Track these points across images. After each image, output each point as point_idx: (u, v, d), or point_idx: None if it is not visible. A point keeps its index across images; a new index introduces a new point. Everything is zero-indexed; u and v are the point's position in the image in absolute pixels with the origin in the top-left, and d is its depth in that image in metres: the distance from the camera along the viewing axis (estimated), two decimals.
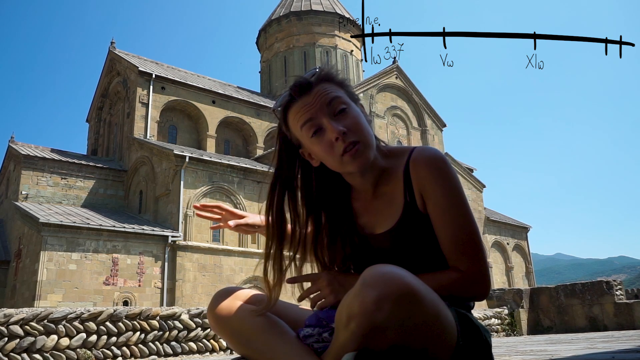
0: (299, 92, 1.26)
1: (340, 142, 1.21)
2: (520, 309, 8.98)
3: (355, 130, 1.23)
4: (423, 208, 1.25)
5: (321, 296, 1.25)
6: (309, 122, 1.24)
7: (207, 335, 5.98)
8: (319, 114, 1.23)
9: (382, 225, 1.30)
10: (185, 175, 17.11)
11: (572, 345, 3.77)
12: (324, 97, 1.24)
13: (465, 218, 1.21)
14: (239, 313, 1.27)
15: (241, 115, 23.49)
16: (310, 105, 1.24)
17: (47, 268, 14.18)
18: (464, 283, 1.18)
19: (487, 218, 27.74)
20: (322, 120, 1.23)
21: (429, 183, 1.22)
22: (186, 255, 16.46)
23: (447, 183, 1.21)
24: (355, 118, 1.25)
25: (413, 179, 1.25)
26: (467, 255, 1.19)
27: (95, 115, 24.76)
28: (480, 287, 1.19)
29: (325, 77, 1.29)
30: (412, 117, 27.04)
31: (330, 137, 1.22)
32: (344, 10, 30.40)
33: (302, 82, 1.27)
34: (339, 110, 1.24)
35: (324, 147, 1.24)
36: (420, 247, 1.25)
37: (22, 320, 4.93)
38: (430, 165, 1.23)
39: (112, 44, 24.07)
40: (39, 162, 18.32)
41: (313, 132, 1.24)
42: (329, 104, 1.24)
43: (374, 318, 0.95)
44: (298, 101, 1.26)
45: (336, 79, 1.31)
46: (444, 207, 1.21)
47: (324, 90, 1.25)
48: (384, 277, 0.97)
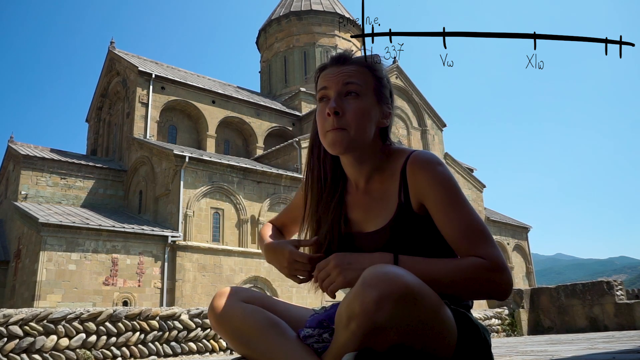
0: (333, 62, 1.34)
1: (331, 119, 1.26)
2: (520, 309, 8.97)
3: (350, 118, 1.26)
4: (418, 209, 1.25)
5: (330, 280, 1.17)
6: (322, 90, 1.32)
7: (207, 335, 5.98)
8: (334, 85, 1.30)
9: (372, 224, 1.31)
10: (185, 175, 17.11)
11: (573, 345, 3.76)
12: (346, 76, 1.30)
13: (471, 212, 1.21)
14: (240, 313, 1.27)
15: (241, 115, 23.50)
16: (333, 75, 1.31)
17: (46, 268, 14.18)
18: (489, 269, 1.10)
19: (487, 218, 27.74)
20: (331, 92, 1.30)
21: (429, 185, 1.22)
22: (186, 256, 16.46)
23: (447, 183, 1.22)
24: (360, 108, 1.27)
25: (410, 181, 1.26)
26: (484, 242, 1.15)
27: (95, 115, 24.76)
28: (504, 275, 1.11)
29: (368, 64, 1.33)
30: (412, 117, 27.04)
31: (326, 109, 1.27)
32: (344, 10, 30.42)
33: (341, 55, 1.35)
34: (351, 93, 1.28)
35: (320, 115, 1.31)
36: (413, 247, 1.25)
37: (22, 320, 4.92)
38: (429, 167, 1.24)
39: (111, 44, 24.08)
40: (39, 162, 18.32)
41: (321, 97, 1.33)
42: (346, 84, 1.29)
43: (374, 318, 0.95)
44: (329, 68, 1.34)
45: (377, 72, 1.34)
46: (448, 205, 1.20)
47: (352, 70, 1.31)
48: (384, 277, 0.97)
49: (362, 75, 1.30)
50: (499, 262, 1.12)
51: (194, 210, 17.10)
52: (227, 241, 17.43)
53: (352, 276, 1.11)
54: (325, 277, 1.18)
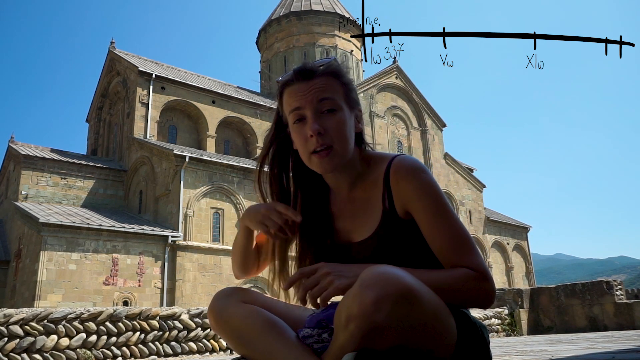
0: (300, 76, 1.28)
1: (314, 140, 1.23)
2: (520, 309, 8.98)
3: (334, 135, 1.24)
4: (403, 215, 1.25)
5: (322, 287, 1.08)
6: (296, 110, 1.27)
7: (207, 335, 5.98)
8: (308, 105, 1.25)
9: (359, 233, 1.30)
10: (185, 175, 17.11)
11: (572, 345, 3.77)
12: (318, 92, 1.25)
13: (457, 222, 1.22)
14: (240, 313, 1.27)
15: (241, 115, 23.50)
16: (303, 94, 1.26)
17: (47, 268, 14.19)
18: (479, 279, 1.13)
19: (487, 218, 27.73)
20: (307, 112, 1.25)
21: (415, 194, 1.22)
22: (186, 255, 16.47)
23: (432, 192, 1.22)
24: (340, 123, 1.25)
25: (394, 188, 1.25)
26: (470, 252, 1.18)
27: (95, 115, 24.77)
28: (490, 284, 1.15)
29: (332, 72, 1.29)
30: (412, 117, 27.03)
31: (307, 131, 1.24)
32: (344, 10, 30.41)
33: (307, 68, 1.28)
34: (327, 110, 1.25)
35: (300, 138, 1.27)
36: (402, 254, 1.25)
37: (22, 320, 4.93)
38: (413, 176, 1.23)
39: (112, 44, 24.08)
40: (39, 162, 18.32)
41: (296, 119, 1.27)
42: (320, 101, 1.25)
43: (373, 319, 0.95)
44: (296, 84, 1.28)
45: (343, 78, 1.31)
46: (434, 215, 1.20)
47: (322, 84, 1.26)
48: (382, 278, 0.97)
49: (332, 87, 1.27)
50: (486, 272, 1.16)
51: (194, 210, 17.11)
52: (227, 241, 17.43)
53: (346, 283, 1.07)
54: (314, 284, 1.10)
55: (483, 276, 1.15)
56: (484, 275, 1.15)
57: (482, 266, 1.16)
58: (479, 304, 1.16)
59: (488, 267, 1.19)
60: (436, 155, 27.02)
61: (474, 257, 1.17)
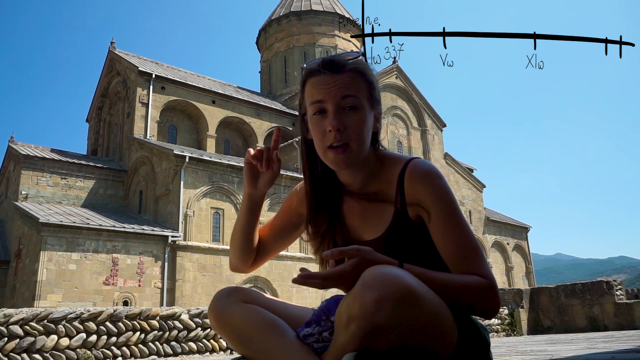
0: (327, 69, 1.27)
1: (332, 135, 1.23)
2: (520, 309, 8.98)
3: (352, 133, 1.24)
4: (415, 218, 1.25)
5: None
6: (317, 102, 1.26)
7: (207, 335, 5.98)
8: (331, 99, 1.24)
9: (370, 232, 1.31)
10: (185, 175, 17.11)
11: (573, 345, 3.77)
12: (343, 88, 1.25)
13: (468, 230, 1.22)
14: (239, 313, 1.27)
15: (241, 115, 23.50)
16: (328, 87, 1.25)
17: (47, 268, 14.18)
18: (490, 289, 1.14)
19: (487, 218, 27.74)
20: (329, 107, 1.25)
21: (429, 199, 1.23)
22: (186, 255, 16.47)
23: (446, 198, 1.22)
24: (359, 122, 1.25)
25: (407, 190, 1.26)
26: (479, 260, 1.19)
27: (95, 115, 24.76)
28: (498, 296, 1.16)
29: (359, 70, 1.29)
30: (412, 117, 27.03)
31: (327, 126, 1.24)
32: (344, 10, 30.42)
33: (336, 62, 1.27)
34: (349, 107, 1.25)
35: (318, 131, 1.26)
36: (410, 255, 1.25)
37: (22, 320, 4.93)
38: (429, 180, 1.24)
39: (112, 44, 24.08)
40: (39, 162, 18.32)
41: (317, 111, 1.26)
42: (344, 98, 1.25)
43: (374, 319, 0.95)
44: (321, 75, 1.27)
45: (368, 76, 1.31)
46: (447, 222, 1.21)
47: (347, 80, 1.26)
48: (384, 278, 0.97)
49: (357, 85, 1.27)
50: (495, 283, 1.16)
51: (194, 210, 17.11)
52: (227, 241, 17.42)
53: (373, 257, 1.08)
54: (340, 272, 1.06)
55: (493, 286, 1.16)
56: (493, 285, 1.16)
57: (491, 276, 1.17)
58: (486, 313, 1.16)
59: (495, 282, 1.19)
60: (436, 155, 27.03)
61: (483, 267, 1.18)
